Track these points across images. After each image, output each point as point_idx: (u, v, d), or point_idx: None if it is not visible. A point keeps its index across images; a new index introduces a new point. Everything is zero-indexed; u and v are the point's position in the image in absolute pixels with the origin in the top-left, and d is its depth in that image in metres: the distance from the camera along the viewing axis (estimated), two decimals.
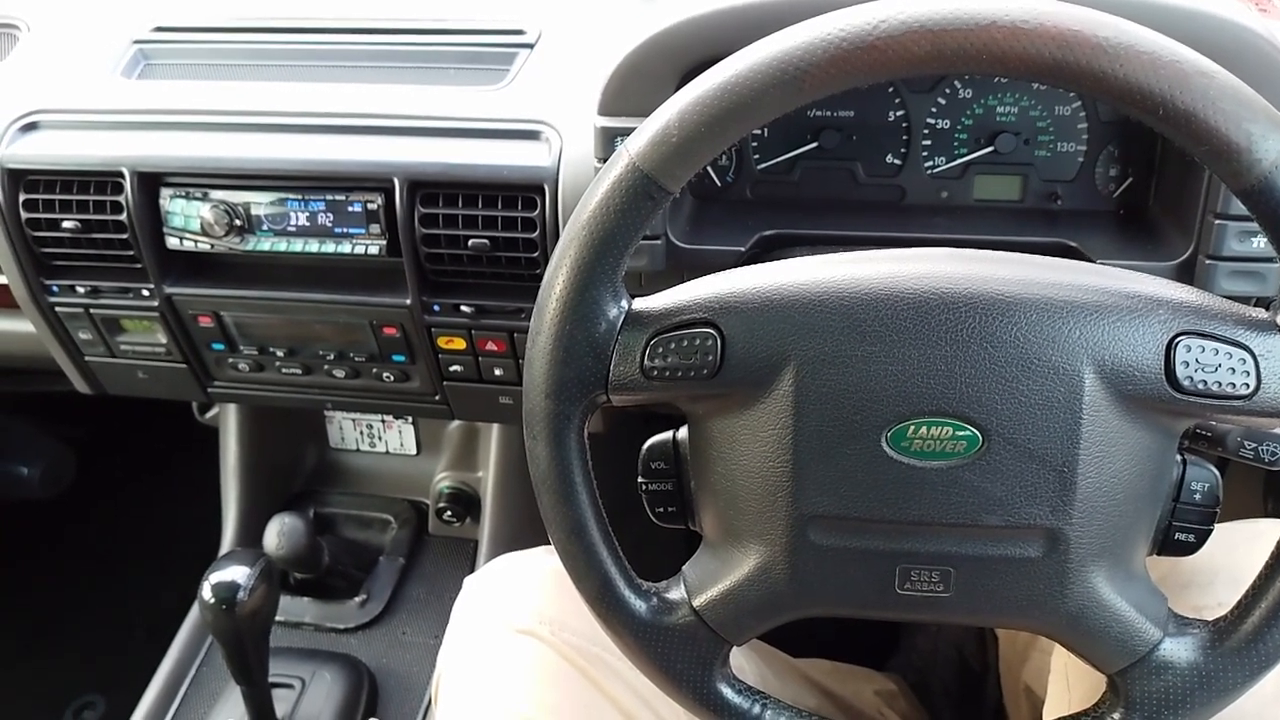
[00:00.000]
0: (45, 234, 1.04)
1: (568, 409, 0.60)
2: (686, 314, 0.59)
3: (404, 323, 1.03)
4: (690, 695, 0.65)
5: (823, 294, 0.57)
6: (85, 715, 1.61)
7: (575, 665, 0.88)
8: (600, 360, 0.59)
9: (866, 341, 0.56)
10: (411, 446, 1.40)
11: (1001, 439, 0.56)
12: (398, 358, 1.07)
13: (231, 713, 1.07)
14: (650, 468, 0.67)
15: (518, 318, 1.00)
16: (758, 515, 0.60)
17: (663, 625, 0.63)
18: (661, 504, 0.67)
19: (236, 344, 1.10)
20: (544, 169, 0.93)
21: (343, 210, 0.98)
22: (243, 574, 0.95)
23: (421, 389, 1.10)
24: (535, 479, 0.62)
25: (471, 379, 1.07)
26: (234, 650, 0.96)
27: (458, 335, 1.03)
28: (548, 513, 0.63)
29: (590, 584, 0.63)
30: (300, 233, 1.00)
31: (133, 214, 1.00)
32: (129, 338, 1.12)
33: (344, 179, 0.97)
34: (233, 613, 0.94)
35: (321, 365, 1.10)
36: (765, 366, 0.57)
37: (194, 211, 1.01)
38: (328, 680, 1.11)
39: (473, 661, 0.91)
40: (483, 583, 0.98)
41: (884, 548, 0.59)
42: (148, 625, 1.73)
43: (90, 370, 1.17)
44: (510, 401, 1.08)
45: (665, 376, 0.59)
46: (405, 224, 0.96)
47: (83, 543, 1.93)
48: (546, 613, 0.90)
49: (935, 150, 0.92)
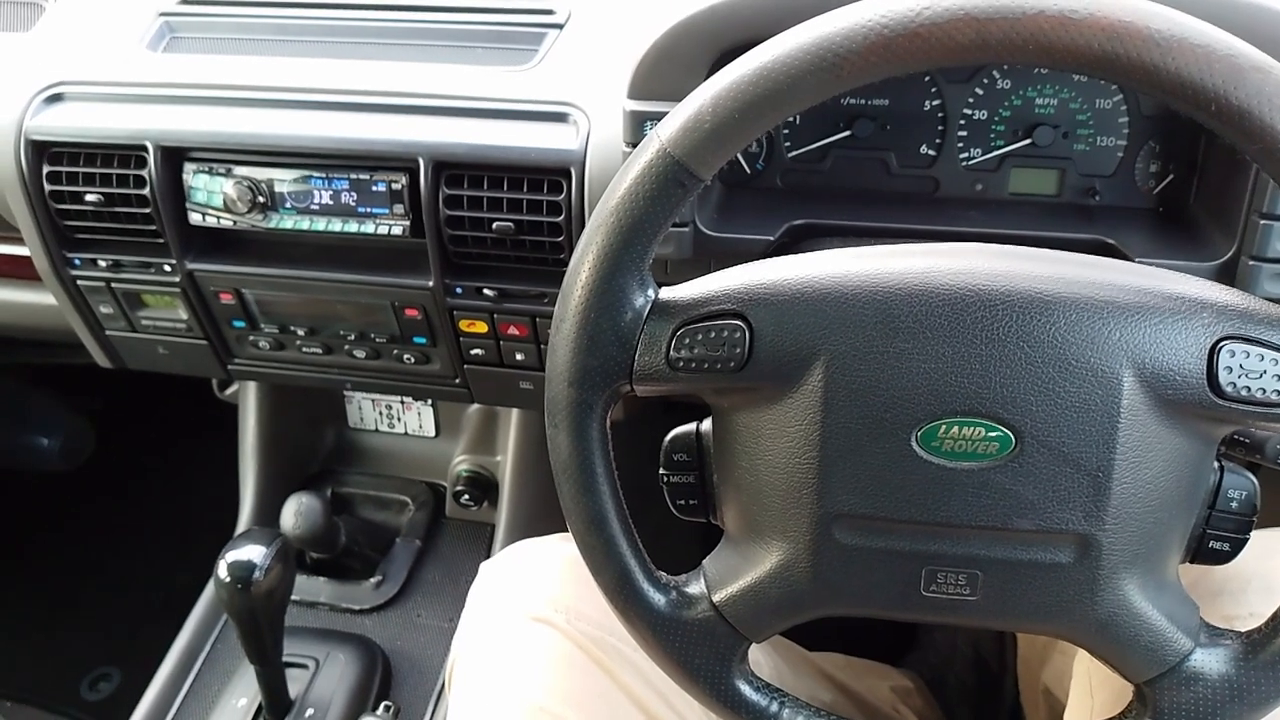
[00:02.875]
0: (68, 206, 1.03)
1: (590, 398, 0.59)
2: (714, 305, 0.58)
3: (426, 305, 1.02)
4: (707, 691, 0.64)
5: (855, 287, 0.56)
6: (101, 687, 1.62)
7: (590, 655, 0.87)
8: (625, 349, 0.58)
9: (899, 337, 0.55)
10: (430, 428, 1.39)
11: (1035, 441, 0.54)
12: (419, 340, 1.06)
13: (245, 691, 1.07)
14: (672, 459, 0.66)
15: (540, 302, 0.99)
16: (781, 511, 0.59)
17: (681, 620, 0.62)
18: (683, 496, 0.66)
19: (257, 322, 1.09)
20: (571, 152, 0.91)
21: (366, 189, 0.97)
22: (259, 553, 0.95)
23: (442, 372, 1.09)
24: (556, 468, 0.61)
25: (492, 363, 1.06)
26: (249, 629, 0.96)
27: (480, 319, 1.02)
28: (567, 503, 0.62)
29: (608, 576, 0.62)
30: (323, 211, 0.99)
31: (155, 188, 1.00)
32: (150, 313, 1.12)
33: (368, 158, 0.96)
34: (248, 592, 0.93)
35: (342, 345, 1.09)
36: (794, 361, 0.56)
37: (217, 187, 1.00)
38: (342, 661, 1.10)
39: (488, 648, 0.90)
40: (499, 569, 0.98)
41: (910, 549, 0.58)
42: (164, 600, 1.74)
43: (111, 344, 1.17)
44: (531, 387, 1.07)
45: (691, 368, 0.58)
46: (429, 205, 0.95)
47: (101, 516, 1.94)
48: (563, 601, 0.90)
49: (971, 142, 0.90)
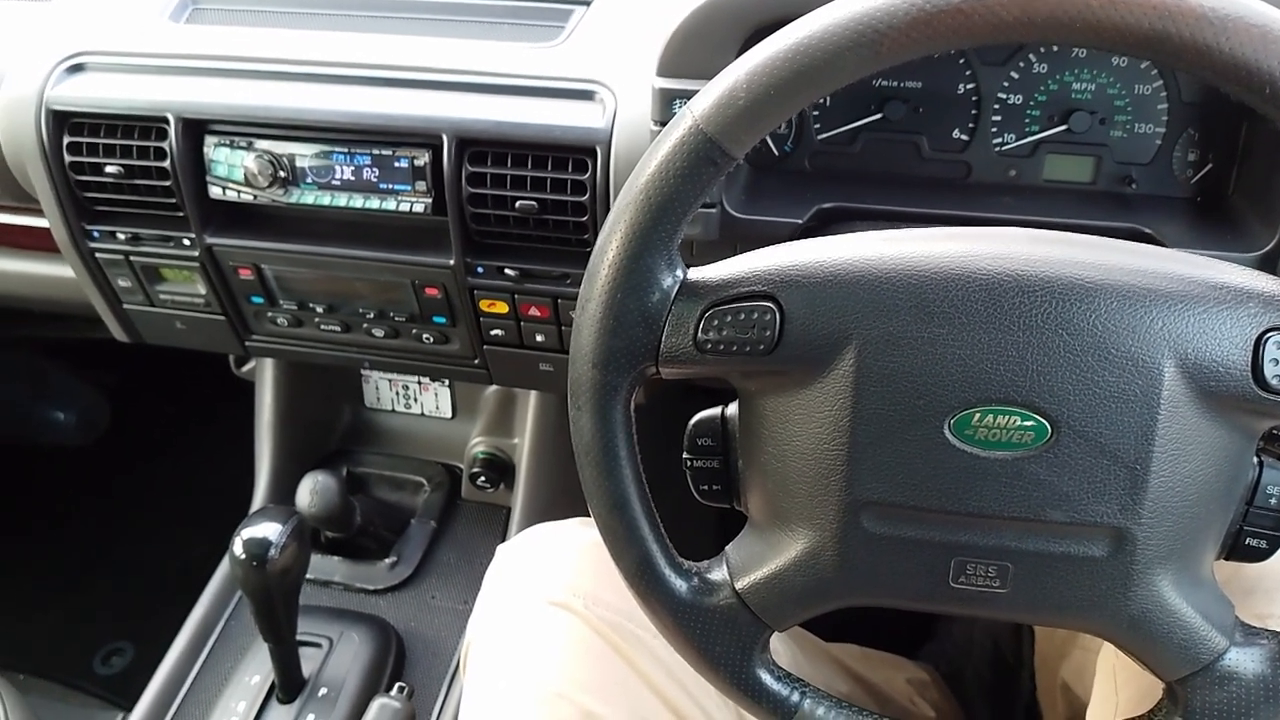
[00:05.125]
0: (88, 178, 1.03)
1: (615, 380, 0.58)
2: (744, 286, 0.56)
3: (446, 284, 1.01)
4: (728, 679, 0.63)
5: (890, 271, 0.54)
6: (114, 661, 1.62)
7: (609, 641, 0.86)
8: (651, 331, 0.57)
9: (934, 323, 0.53)
10: (447, 409, 1.38)
11: (1072, 431, 0.53)
12: (438, 319, 1.05)
13: (258, 669, 1.06)
14: (696, 444, 0.65)
15: (563, 283, 0.98)
16: (808, 498, 0.58)
17: (703, 606, 0.61)
18: (706, 481, 0.65)
19: (276, 298, 1.08)
20: (597, 130, 0.90)
21: (389, 165, 0.96)
22: (275, 531, 0.94)
23: (461, 352, 1.08)
24: (578, 450, 0.60)
25: (512, 344, 1.05)
26: (263, 607, 0.95)
27: (500, 299, 1.00)
28: (589, 485, 0.61)
29: (630, 560, 0.61)
30: (344, 187, 0.98)
31: (176, 161, 0.99)
32: (168, 287, 1.11)
33: (391, 133, 0.95)
34: (263, 569, 0.93)
35: (361, 323, 1.08)
36: (825, 345, 0.55)
37: (238, 161, 0.99)
38: (355, 641, 1.09)
39: (504, 632, 0.89)
40: (516, 552, 0.97)
41: (940, 539, 0.56)
42: (177, 575, 1.74)
43: (128, 318, 1.16)
44: (551, 369, 1.06)
45: (719, 351, 0.57)
46: (452, 182, 0.94)
47: (115, 491, 1.94)
48: (581, 586, 0.89)
49: (1005, 126, 0.88)
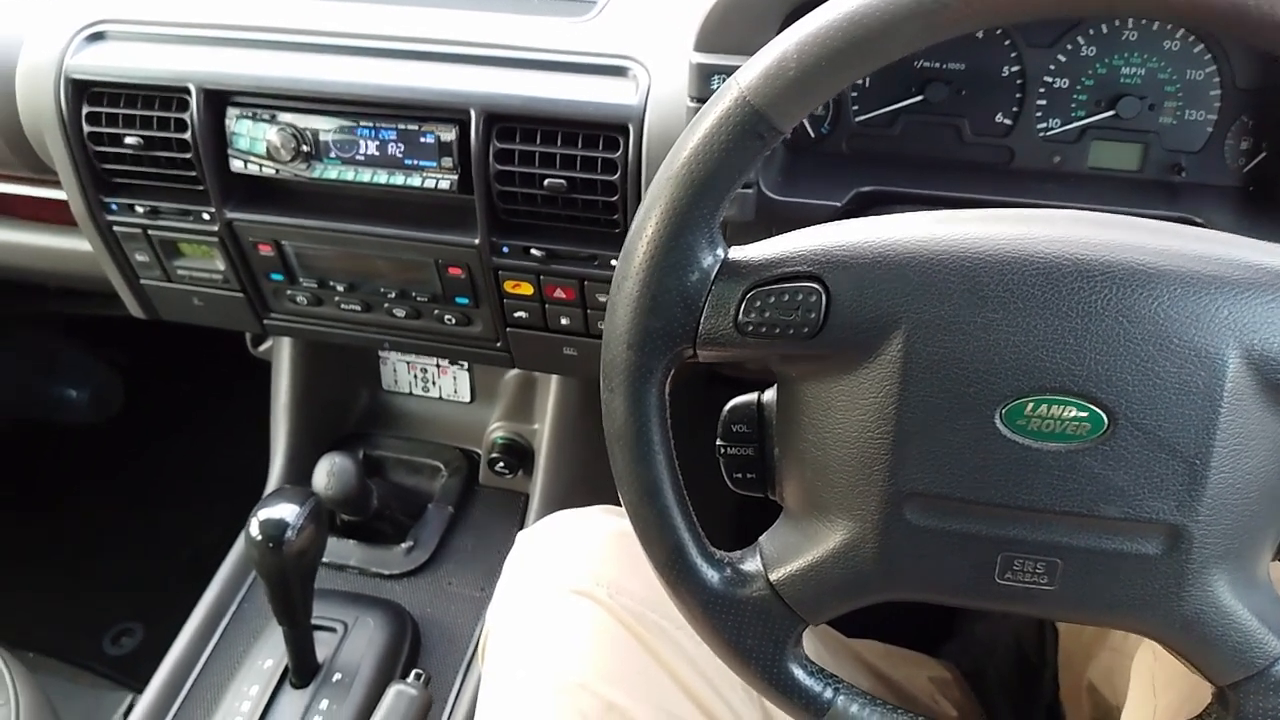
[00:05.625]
0: (107, 149, 1.00)
1: (651, 362, 0.56)
2: (789, 266, 0.54)
3: (470, 263, 0.99)
4: (759, 674, 0.61)
5: (941, 253, 0.52)
6: (123, 642, 1.61)
7: (632, 631, 0.84)
8: (690, 312, 0.55)
9: (987, 307, 0.51)
10: (465, 393, 1.36)
11: (1129, 423, 0.51)
12: (461, 300, 1.03)
13: (271, 653, 1.05)
14: (731, 430, 0.63)
15: (590, 264, 0.95)
16: (849, 488, 0.55)
17: (735, 598, 0.59)
18: (740, 469, 0.64)
19: (296, 275, 1.06)
20: (629, 108, 0.87)
21: (414, 141, 0.94)
22: (291, 512, 0.92)
23: (483, 334, 1.06)
24: (610, 434, 0.58)
25: (536, 327, 1.02)
26: (278, 589, 0.93)
27: (525, 280, 0.98)
28: (620, 470, 0.59)
29: (661, 549, 0.59)
30: (369, 162, 0.96)
31: (197, 133, 0.97)
32: (186, 262, 1.09)
33: (418, 108, 0.93)
34: (280, 551, 0.91)
35: (382, 303, 1.06)
36: (872, 328, 0.53)
37: (260, 134, 0.96)
38: (370, 626, 1.07)
39: (524, 620, 0.87)
40: (537, 539, 0.95)
41: (987, 533, 0.54)
42: (189, 557, 1.73)
43: (145, 294, 1.14)
44: (574, 353, 1.03)
45: (761, 333, 0.54)
46: (479, 159, 0.91)
47: (127, 470, 1.93)
48: (604, 575, 0.87)
49: (1050, 111, 0.86)
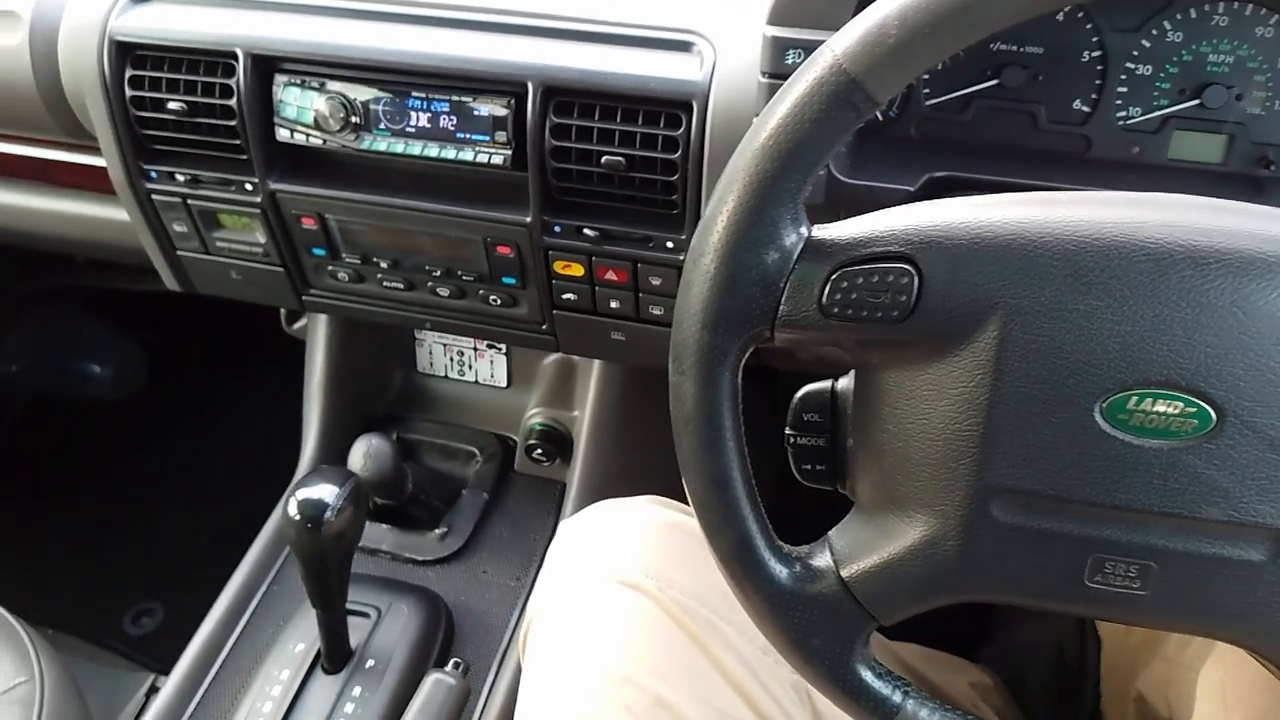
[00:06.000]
0: (149, 114, 0.98)
1: (725, 343, 0.53)
2: (878, 246, 0.51)
3: (520, 242, 0.96)
4: (825, 674, 0.58)
5: (1044, 235, 0.49)
6: (143, 622, 1.59)
7: (681, 625, 0.81)
8: (770, 292, 0.52)
9: (1092, 295, 0.48)
10: (502, 378, 1.32)
11: (1239, 421, 0.47)
12: (508, 280, 1.00)
13: (303, 637, 1.02)
14: (802, 420, 0.61)
15: (644, 246, 0.92)
16: (931, 482, 0.53)
17: (804, 594, 0.57)
18: (810, 460, 0.61)
19: (339, 250, 1.03)
20: (694, 83, 0.84)
21: (467, 113, 0.91)
22: (331, 493, 0.89)
23: (529, 316, 1.03)
24: (677, 419, 0.55)
25: (585, 310, 0.99)
26: (315, 571, 0.91)
27: (576, 260, 0.95)
28: (687, 457, 0.56)
29: (727, 540, 0.57)
30: (419, 135, 0.93)
31: (243, 100, 0.94)
32: (226, 234, 1.06)
33: (473, 79, 0.90)
34: (318, 532, 0.88)
35: (425, 281, 1.03)
36: (967, 314, 0.50)
37: (308, 102, 0.94)
38: (405, 613, 1.05)
39: (569, 610, 0.85)
40: (581, 528, 0.93)
41: (1079, 533, 0.51)
42: (210, 537, 1.71)
43: (182, 266, 1.12)
44: (622, 338, 1.00)
45: (846, 316, 0.51)
46: (535, 134, 0.88)
47: (149, 449, 1.91)
48: (653, 566, 0.84)
49: (1131, 99, 0.82)
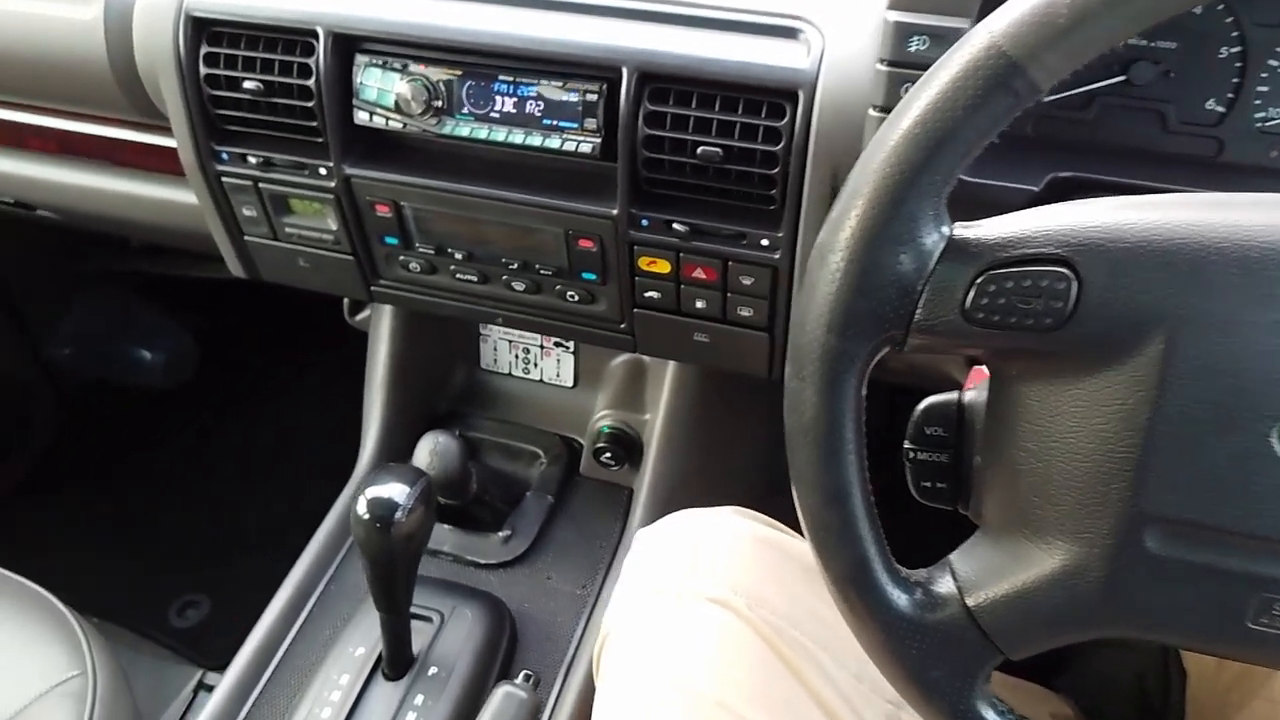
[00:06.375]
0: (223, 93, 0.94)
1: (853, 348, 0.49)
2: (1032, 247, 0.47)
3: (604, 236, 0.91)
4: (944, 709, 0.54)
5: (1219, 241, 0.44)
6: (189, 614, 1.57)
7: (773, 648, 0.77)
8: (906, 294, 0.48)
9: (1272, 307, 0.43)
10: (569, 377, 1.28)
11: None
12: (587, 276, 0.96)
13: (363, 640, 0.98)
14: (924, 433, 0.57)
15: (736, 244, 0.88)
16: (1076, 507, 0.48)
17: (924, 623, 0.52)
18: (930, 477, 0.57)
19: (412, 240, 0.99)
20: (800, 72, 0.80)
21: (556, 99, 0.86)
22: (402, 492, 0.85)
23: (607, 314, 0.99)
24: (794, 428, 0.51)
25: (668, 309, 0.95)
26: (383, 573, 0.87)
27: (663, 257, 0.90)
28: (803, 470, 0.52)
29: (842, 562, 0.52)
30: (504, 120, 0.89)
31: (321, 80, 0.90)
32: (296, 220, 1.02)
33: (564, 63, 0.85)
34: (387, 533, 0.84)
35: (500, 275, 0.99)
36: (1128, 324, 0.45)
37: (390, 84, 0.90)
38: (468, 619, 1.00)
39: (651, 627, 0.80)
40: (661, 539, 0.88)
41: (1244, 569, 0.46)
42: (257, 529, 1.68)
43: (248, 253, 1.08)
44: (705, 339, 0.96)
45: (992, 323, 0.47)
46: (627, 122, 0.84)
47: (198, 438, 1.89)
48: (742, 583, 0.80)
49: (1271, 99, 0.76)
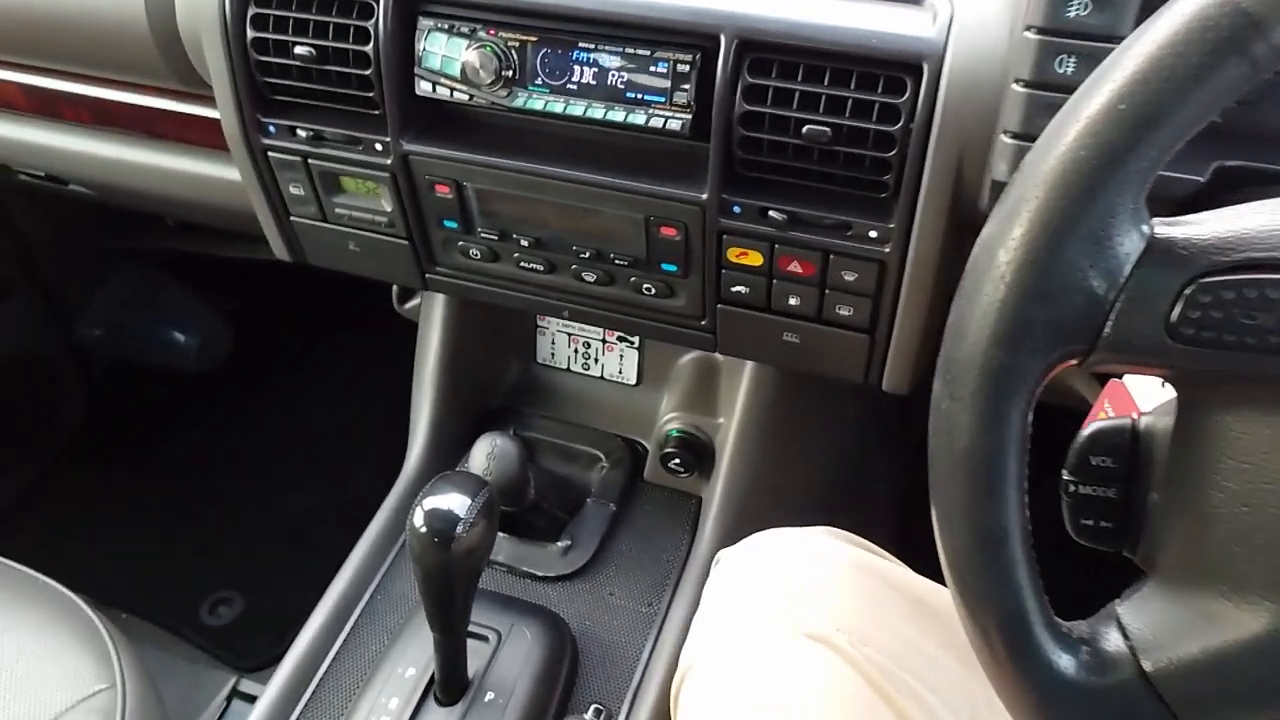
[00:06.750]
0: (272, 60, 0.86)
1: (1025, 365, 0.41)
2: (1258, 250, 0.38)
3: (689, 224, 0.82)
4: None
5: None
6: (221, 612, 1.50)
7: (880, 691, 0.68)
8: (1095, 304, 0.39)
9: None
10: (632, 374, 1.19)
11: None
12: (667, 267, 0.87)
13: (413, 660, 0.89)
14: (1089, 464, 0.49)
15: (840, 234, 0.79)
16: None
17: (1091, 688, 0.44)
18: (1094, 515, 0.49)
19: (474, 224, 0.91)
20: (926, 41, 0.70)
21: (643, 69, 0.77)
22: (463, 504, 0.77)
23: (686, 310, 0.90)
24: (944, 456, 0.44)
25: (756, 306, 0.86)
26: (440, 591, 0.78)
27: (756, 248, 0.81)
28: (952, 504, 0.44)
29: (994, 613, 0.44)
30: (582, 92, 0.80)
31: (381, 46, 0.82)
32: (347, 200, 0.94)
33: (653, 29, 0.76)
34: (446, 549, 0.76)
35: (569, 264, 0.90)
36: None
37: (456, 51, 0.81)
38: (527, 639, 0.91)
39: (739, 663, 0.72)
40: (748, 561, 0.80)
41: None
42: (291, 523, 1.62)
43: (294, 234, 1.00)
44: (795, 340, 0.87)
45: (1203, 341, 0.39)
46: (724, 96, 0.75)
47: (230, 426, 1.82)
48: (844, 618, 0.71)
49: None
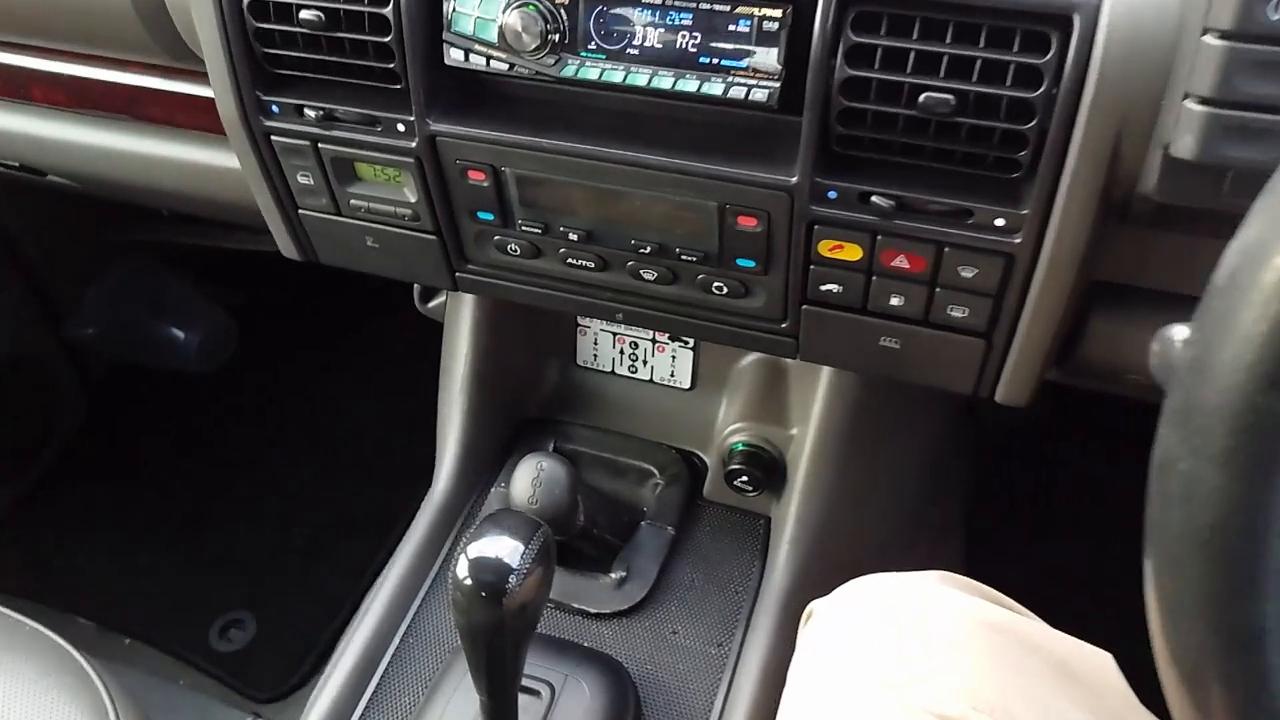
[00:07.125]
0: (274, 27, 0.73)
1: None
2: None
3: (774, 212, 0.69)
4: None
5: None
6: (232, 635, 1.39)
7: None
8: None
9: None
10: (685, 378, 1.05)
11: None
12: (744, 263, 0.74)
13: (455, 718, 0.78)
14: None
15: (958, 223, 0.66)
16: None
17: None
18: None
19: (513, 215, 0.78)
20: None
21: (720, 28, 0.64)
22: (515, 551, 0.64)
23: (763, 312, 0.77)
24: (1182, 527, 0.35)
25: (850, 306, 0.73)
26: (491, 651, 0.66)
27: (854, 240, 0.68)
28: (1188, 592, 0.36)
29: None
30: (645, 58, 0.67)
31: (403, 7, 0.69)
32: (364, 189, 0.81)
33: None
34: (498, 605, 0.63)
35: (626, 260, 0.78)
36: None
37: (493, 12, 0.68)
38: (584, 692, 0.79)
39: None
40: (851, 615, 0.67)
41: None
42: (302, 538, 1.51)
43: (303, 229, 0.87)
44: (895, 346, 0.74)
45: None
46: (821, 59, 0.62)
47: (236, 430, 1.70)
48: (983, 693, 0.59)
49: None
